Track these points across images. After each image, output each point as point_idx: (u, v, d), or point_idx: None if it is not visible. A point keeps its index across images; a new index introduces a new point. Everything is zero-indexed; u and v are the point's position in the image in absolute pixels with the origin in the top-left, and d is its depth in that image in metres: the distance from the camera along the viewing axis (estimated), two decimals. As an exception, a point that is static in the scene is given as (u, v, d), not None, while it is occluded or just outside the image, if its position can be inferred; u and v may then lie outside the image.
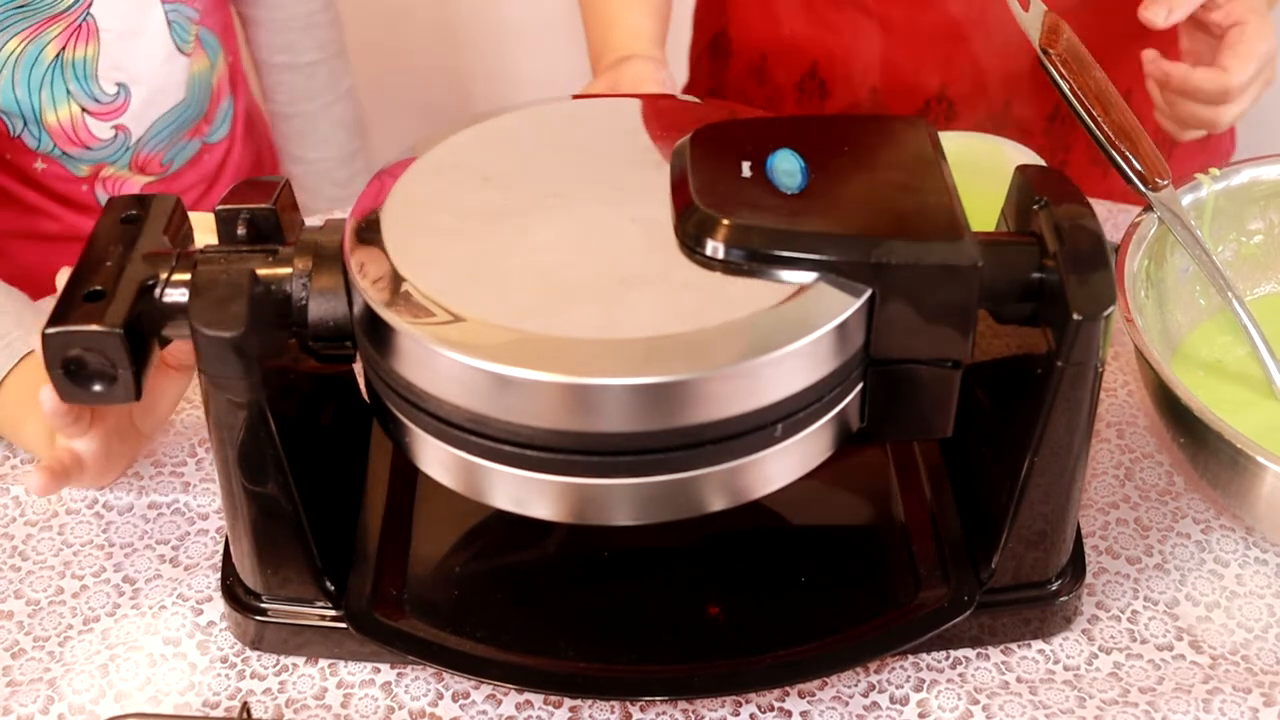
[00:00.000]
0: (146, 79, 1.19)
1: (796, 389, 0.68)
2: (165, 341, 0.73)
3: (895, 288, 0.68)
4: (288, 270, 0.72)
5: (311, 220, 0.78)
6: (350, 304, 0.72)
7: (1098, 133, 0.89)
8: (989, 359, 0.78)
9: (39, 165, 1.18)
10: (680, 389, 0.65)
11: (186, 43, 1.21)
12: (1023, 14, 0.91)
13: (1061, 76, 0.89)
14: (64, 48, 1.12)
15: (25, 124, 1.14)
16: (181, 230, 0.76)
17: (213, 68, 1.26)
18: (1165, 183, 0.89)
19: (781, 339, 0.66)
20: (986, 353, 0.78)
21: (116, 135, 1.19)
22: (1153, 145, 0.89)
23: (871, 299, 0.68)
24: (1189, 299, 0.94)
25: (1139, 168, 0.88)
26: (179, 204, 0.77)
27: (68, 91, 1.14)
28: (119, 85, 1.17)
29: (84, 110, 1.16)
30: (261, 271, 0.72)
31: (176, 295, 0.71)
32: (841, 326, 0.67)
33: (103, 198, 1.22)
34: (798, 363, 0.67)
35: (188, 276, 0.71)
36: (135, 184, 1.24)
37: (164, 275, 0.72)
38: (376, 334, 0.69)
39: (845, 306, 0.67)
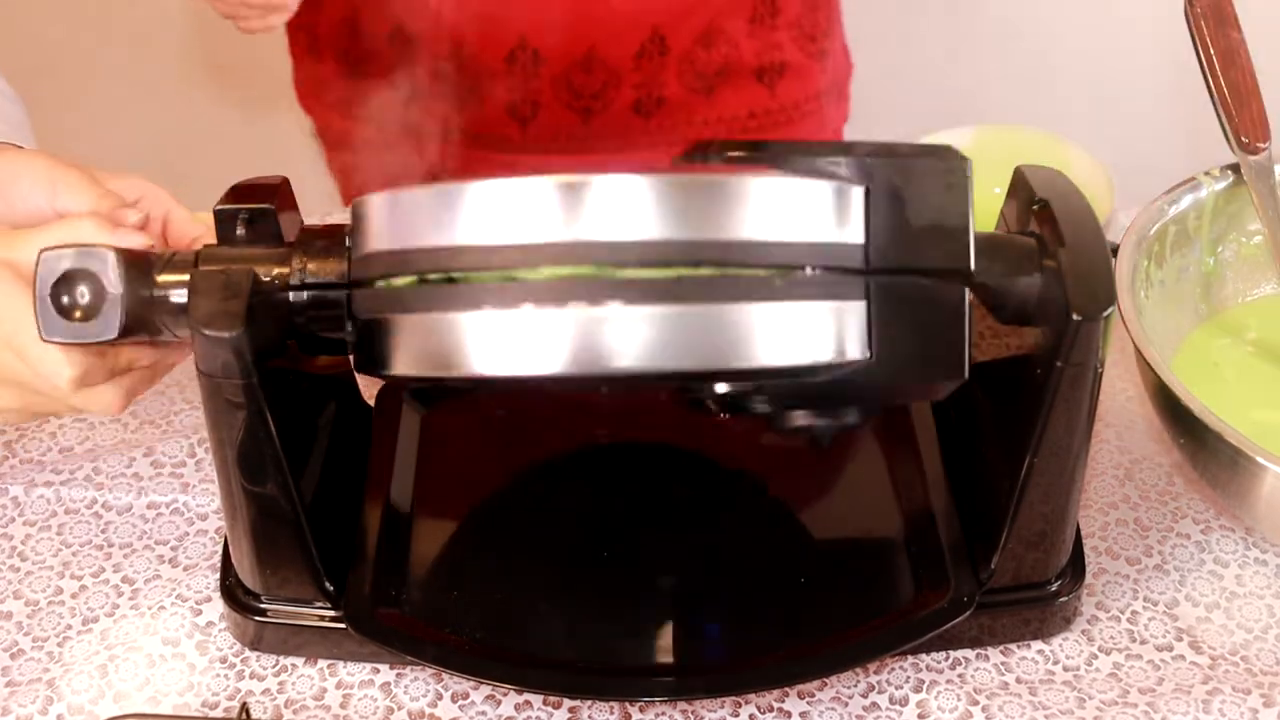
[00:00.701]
0: None
1: (797, 234, 0.65)
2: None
3: (886, 186, 0.66)
4: (287, 271, 0.72)
5: (311, 219, 0.78)
6: (349, 303, 0.71)
7: (1211, 86, 0.92)
8: (989, 359, 0.78)
9: None
10: (678, 189, 0.63)
11: None
12: None
13: (1194, 30, 0.93)
14: None
15: None
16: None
17: None
18: (1264, 147, 0.91)
19: (779, 175, 0.65)
20: (986, 353, 0.78)
21: None
22: (1262, 110, 0.92)
23: (866, 194, 0.66)
24: (1189, 299, 0.94)
25: (1240, 131, 0.91)
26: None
27: None
28: None
29: None
30: (261, 271, 0.72)
31: (176, 294, 0.72)
32: (839, 193, 0.66)
33: None
34: (798, 196, 0.65)
35: (185, 277, 0.71)
36: None
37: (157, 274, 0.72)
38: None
39: (843, 192, 0.66)
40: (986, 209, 0.82)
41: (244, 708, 0.76)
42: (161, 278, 0.72)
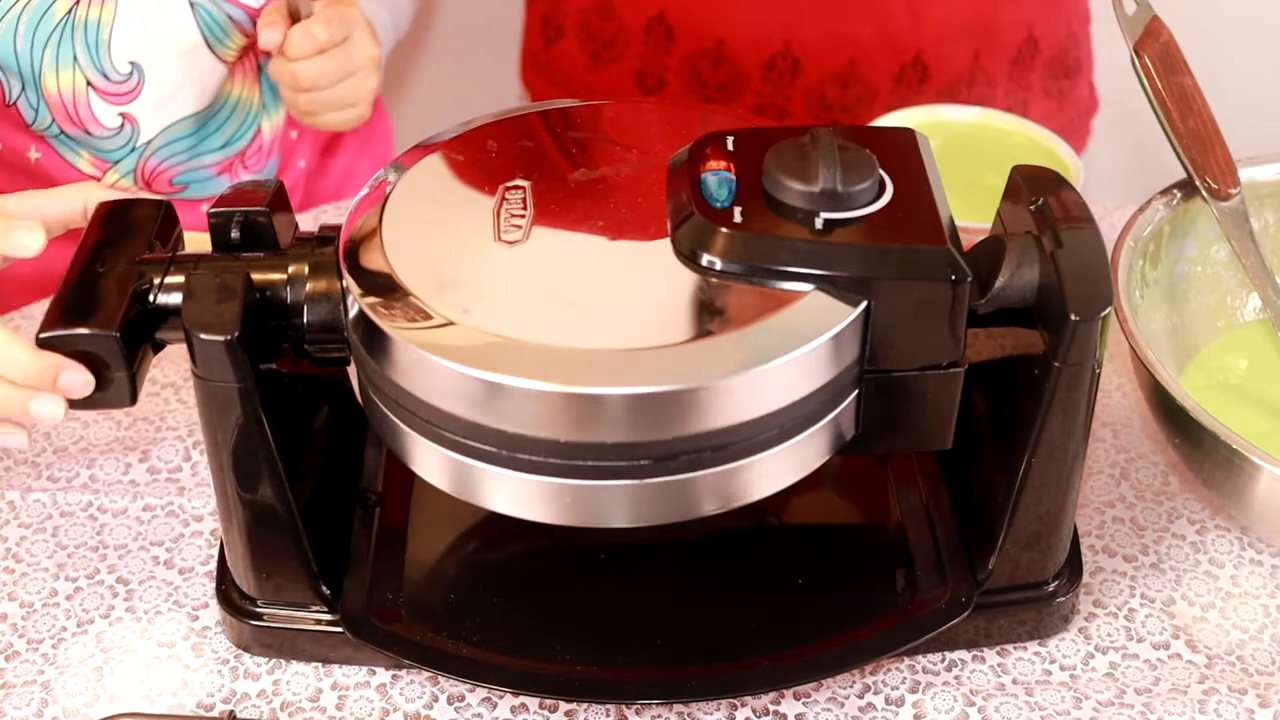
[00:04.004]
0: (165, 66, 1.06)
1: (789, 400, 0.68)
2: (159, 346, 0.73)
3: (887, 300, 0.68)
4: (283, 275, 0.72)
5: (306, 222, 0.78)
6: (345, 308, 0.72)
7: (1172, 136, 0.90)
8: (986, 360, 0.78)
9: (33, 155, 1.08)
10: (673, 399, 0.65)
11: (225, 46, 1.09)
12: (1124, 15, 0.91)
13: (1145, 79, 0.90)
14: (78, 3, 1.01)
15: (23, 88, 1.03)
16: (173, 234, 0.76)
17: (269, 112, 1.15)
18: (1235, 192, 0.90)
19: (776, 350, 0.66)
20: (984, 353, 0.78)
21: (123, 126, 1.08)
22: (1227, 154, 0.90)
23: (867, 310, 0.68)
24: (1184, 299, 0.94)
25: (1208, 178, 0.89)
26: (169, 208, 0.77)
27: (74, 57, 1.02)
28: (133, 65, 1.05)
29: (89, 85, 1.04)
30: (256, 275, 0.72)
31: (169, 298, 0.72)
32: (836, 338, 0.67)
33: None
34: (792, 374, 0.67)
35: (181, 279, 0.72)
36: None
37: (157, 280, 0.72)
38: (370, 339, 0.69)
39: (840, 318, 0.67)
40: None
41: (231, 716, 0.76)
42: (155, 282, 0.72)
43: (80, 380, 0.71)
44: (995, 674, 0.79)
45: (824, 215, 0.69)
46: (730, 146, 0.73)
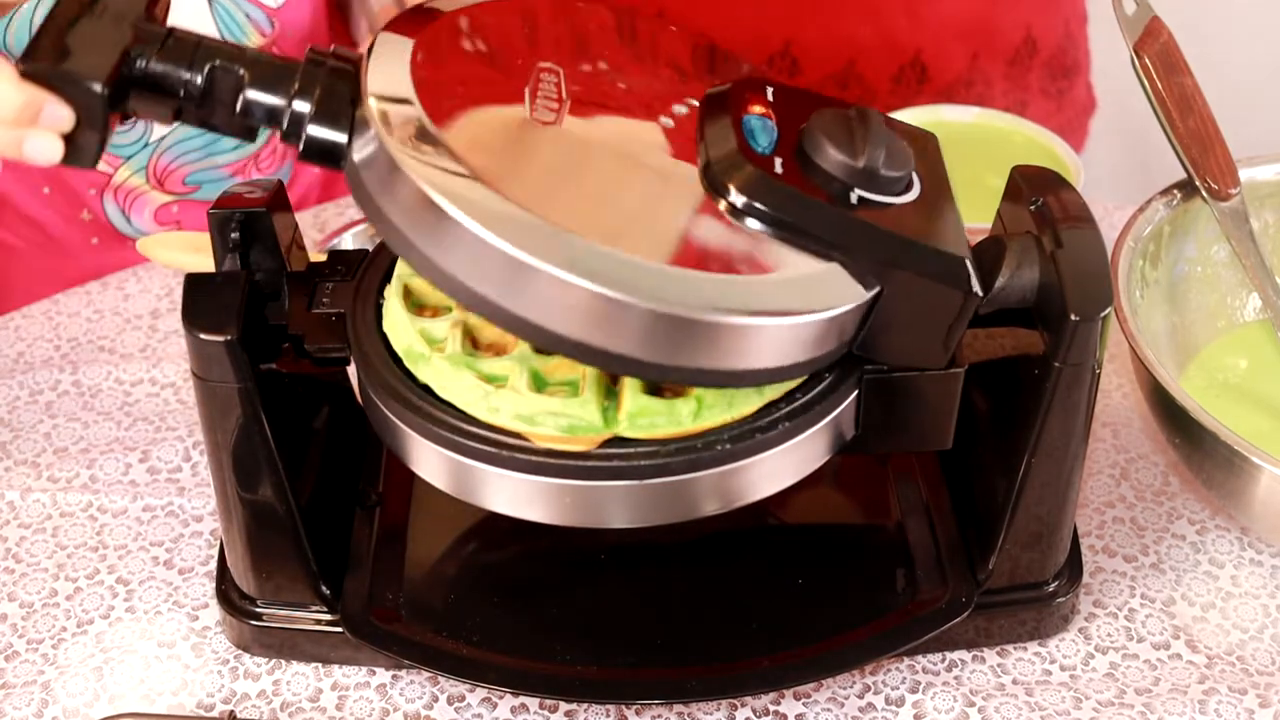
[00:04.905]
0: None
1: (782, 363, 0.67)
2: (127, 115, 0.69)
3: (899, 292, 0.67)
4: (291, 84, 0.67)
5: (305, 220, 0.78)
6: (351, 141, 0.67)
7: (1172, 136, 0.89)
8: (986, 360, 0.78)
9: None
10: (683, 324, 0.64)
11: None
12: (1123, 15, 0.91)
13: (1145, 79, 0.90)
14: None
15: None
16: (166, 15, 0.71)
17: None
18: (1235, 192, 0.90)
19: (788, 307, 0.65)
20: (984, 353, 0.78)
21: (136, 122, 1.07)
22: (1227, 154, 0.90)
23: (878, 296, 0.67)
24: (1184, 299, 0.94)
25: (1208, 178, 0.89)
26: None
27: None
28: None
29: None
30: (257, 78, 0.67)
31: (160, 67, 0.66)
32: (845, 315, 0.66)
33: (112, 213, 1.13)
34: (796, 336, 0.66)
35: (177, 66, 0.67)
36: (152, 201, 1.14)
37: (152, 49, 0.66)
38: (388, 180, 0.65)
39: (854, 297, 0.66)
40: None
41: (231, 716, 0.76)
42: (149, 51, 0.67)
43: (65, 115, 0.65)
44: (995, 674, 0.79)
45: (859, 192, 0.68)
46: (770, 97, 0.72)
